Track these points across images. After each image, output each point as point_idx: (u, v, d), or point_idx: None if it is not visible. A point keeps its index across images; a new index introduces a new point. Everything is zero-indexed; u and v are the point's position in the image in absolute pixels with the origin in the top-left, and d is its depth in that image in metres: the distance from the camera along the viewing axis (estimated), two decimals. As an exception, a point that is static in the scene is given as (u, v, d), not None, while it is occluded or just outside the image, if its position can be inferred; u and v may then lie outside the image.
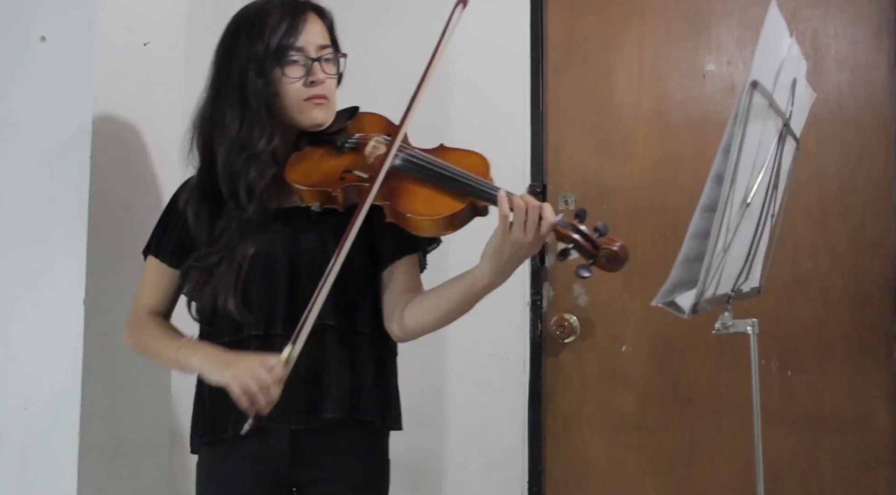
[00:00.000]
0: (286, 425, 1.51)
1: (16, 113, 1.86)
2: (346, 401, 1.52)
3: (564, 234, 1.36)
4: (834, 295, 2.23)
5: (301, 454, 1.54)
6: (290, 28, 1.51)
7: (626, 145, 2.36)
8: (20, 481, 1.81)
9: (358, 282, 1.55)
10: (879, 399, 2.20)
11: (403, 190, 1.46)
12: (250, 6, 1.57)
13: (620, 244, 1.35)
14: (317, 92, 1.52)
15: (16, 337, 1.84)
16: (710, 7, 2.34)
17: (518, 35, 2.38)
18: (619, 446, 2.32)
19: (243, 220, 1.51)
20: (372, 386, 1.55)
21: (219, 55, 1.56)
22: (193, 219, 1.55)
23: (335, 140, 1.57)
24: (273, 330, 1.51)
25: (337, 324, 1.52)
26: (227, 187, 1.52)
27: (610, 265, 1.35)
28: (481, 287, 1.45)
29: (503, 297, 2.33)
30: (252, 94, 1.50)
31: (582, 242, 1.35)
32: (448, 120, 2.39)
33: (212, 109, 1.56)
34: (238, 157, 1.51)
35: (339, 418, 1.51)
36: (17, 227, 1.85)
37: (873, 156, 2.23)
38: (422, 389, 2.36)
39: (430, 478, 2.35)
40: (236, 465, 1.55)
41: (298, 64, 1.52)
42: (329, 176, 1.51)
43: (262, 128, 1.51)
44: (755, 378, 1.45)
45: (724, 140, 1.29)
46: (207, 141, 1.57)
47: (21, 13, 1.86)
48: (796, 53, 1.47)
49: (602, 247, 1.35)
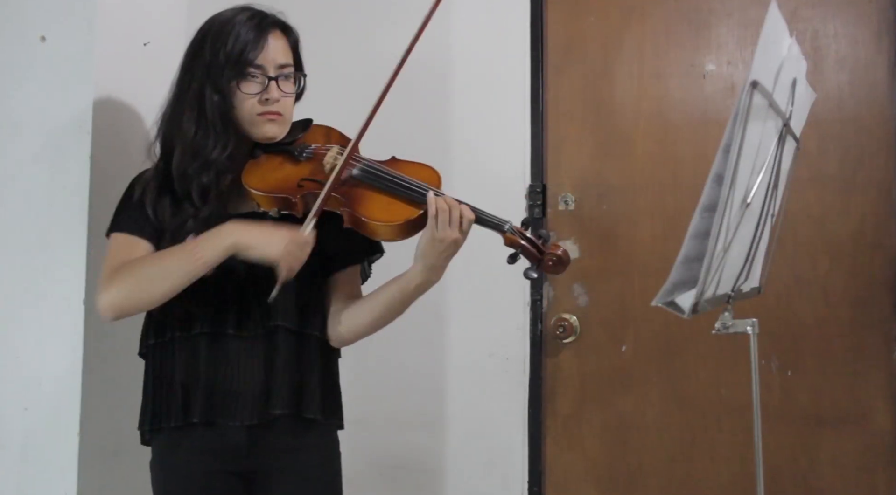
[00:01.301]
0: (240, 421, 1.56)
1: (16, 113, 1.86)
2: (293, 398, 1.58)
3: (513, 241, 1.52)
4: (834, 295, 2.23)
5: (256, 447, 1.59)
6: (252, 44, 1.55)
7: (625, 145, 2.36)
8: (20, 481, 1.81)
9: (311, 286, 1.61)
10: (879, 399, 2.20)
11: (362, 197, 1.55)
12: (221, 15, 1.60)
13: (563, 250, 1.54)
14: (270, 109, 1.57)
15: (16, 337, 1.83)
16: (710, 7, 2.34)
17: (518, 35, 2.38)
18: (619, 446, 2.32)
19: (200, 219, 1.55)
20: (316, 385, 1.61)
21: (184, 60, 1.61)
22: (152, 209, 1.57)
23: (292, 150, 1.63)
24: (223, 329, 1.55)
25: (288, 326, 1.58)
26: (181, 187, 1.56)
27: (554, 268, 1.53)
28: (415, 286, 1.54)
29: (503, 297, 2.36)
30: (208, 103, 1.55)
31: (528, 248, 1.52)
32: (448, 120, 2.39)
33: (172, 111, 1.60)
34: (191, 163, 1.55)
35: (286, 413, 1.57)
36: (17, 227, 1.85)
37: (873, 156, 2.23)
38: (422, 389, 2.36)
39: (430, 478, 2.35)
40: (191, 455, 1.59)
41: (256, 80, 1.56)
42: (287, 183, 1.57)
43: (217, 137, 1.55)
44: (755, 378, 1.46)
45: (724, 140, 1.29)
46: (167, 139, 1.61)
47: (21, 13, 1.86)
48: (796, 53, 1.47)
49: (546, 253, 1.52)
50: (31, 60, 1.85)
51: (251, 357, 1.56)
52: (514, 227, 1.53)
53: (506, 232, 1.52)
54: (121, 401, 1.87)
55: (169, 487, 1.63)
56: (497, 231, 1.53)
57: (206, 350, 1.55)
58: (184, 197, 1.56)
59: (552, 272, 1.54)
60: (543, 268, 1.53)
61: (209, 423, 1.56)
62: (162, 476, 1.64)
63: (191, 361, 1.56)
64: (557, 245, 1.54)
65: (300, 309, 1.60)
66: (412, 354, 2.36)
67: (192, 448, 1.59)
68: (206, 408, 1.55)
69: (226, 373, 1.56)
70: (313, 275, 1.60)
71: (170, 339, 1.58)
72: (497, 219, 1.53)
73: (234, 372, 1.56)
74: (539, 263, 1.53)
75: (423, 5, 1.55)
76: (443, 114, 2.38)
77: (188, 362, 1.56)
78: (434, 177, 1.57)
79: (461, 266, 1.52)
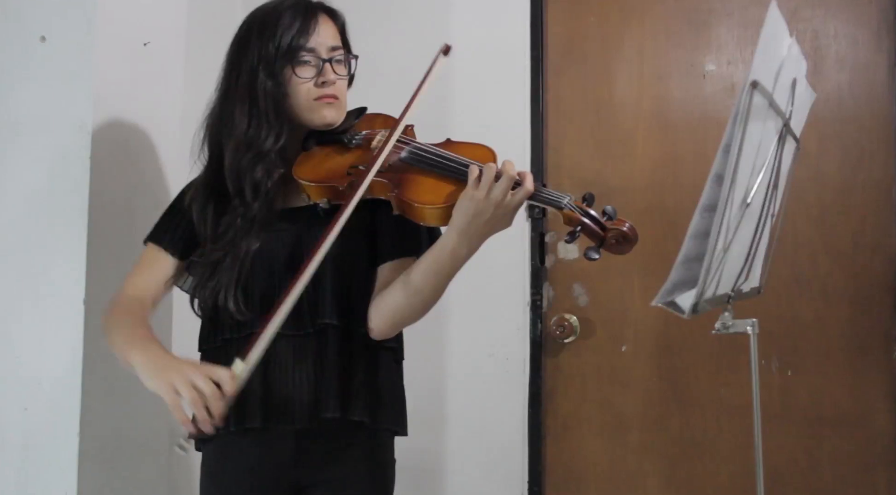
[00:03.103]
0: (290, 426, 1.51)
1: (16, 113, 1.86)
2: (342, 401, 1.51)
3: (572, 217, 1.38)
4: (834, 295, 2.23)
5: (303, 456, 1.54)
6: (301, 29, 1.52)
7: (626, 145, 2.36)
8: (20, 481, 1.81)
9: (359, 283, 1.55)
10: (879, 399, 2.20)
11: (409, 181, 1.47)
12: (262, 7, 1.58)
13: (629, 224, 1.38)
14: (327, 92, 1.54)
15: (16, 337, 1.84)
16: (710, 7, 2.34)
17: (518, 35, 2.39)
18: (619, 446, 2.32)
19: (248, 218, 1.52)
20: (360, 385, 1.53)
21: (230, 56, 1.58)
22: (198, 215, 1.56)
23: (343, 138, 1.58)
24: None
25: (338, 324, 1.52)
26: (234, 185, 1.53)
27: (619, 247, 1.38)
28: (449, 252, 1.42)
29: (503, 297, 2.36)
30: (261, 94, 1.51)
31: (590, 225, 1.38)
32: (448, 120, 2.39)
33: (221, 108, 1.57)
34: (245, 155, 1.52)
35: (336, 418, 1.50)
36: (17, 227, 1.85)
37: (873, 156, 2.23)
38: (422, 389, 2.35)
39: (430, 478, 2.35)
40: (238, 466, 1.56)
41: (310, 64, 1.53)
42: (335, 171, 1.52)
43: (270, 127, 1.52)
44: (755, 378, 1.45)
45: (724, 140, 1.29)
46: (216, 140, 1.58)
47: (21, 13, 1.86)
48: (796, 53, 1.47)
49: (610, 229, 1.38)
50: (31, 60, 1.85)
51: (301, 357, 1.51)
52: (574, 203, 1.39)
53: (564, 208, 1.38)
54: (121, 401, 1.87)
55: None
56: (554, 207, 1.40)
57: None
58: (236, 194, 1.53)
59: (616, 251, 1.39)
60: (607, 246, 1.38)
61: (263, 429, 1.50)
62: (210, 486, 1.60)
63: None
64: (623, 220, 1.38)
65: (349, 305, 1.53)
66: (412, 354, 2.36)
67: (241, 459, 1.54)
68: (260, 413, 1.50)
69: (277, 376, 1.50)
70: (362, 269, 1.55)
71: (222, 343, 1.54)
72: (555, 195, 1.39)
73: (286, 375, 1.51)
74: (602, 242, 1.38)
75: (422, 5, 1.55)
76: (443, 114, 2.38)
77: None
78: (489, 155, 1.45)
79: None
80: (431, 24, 2.42)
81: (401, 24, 2.42)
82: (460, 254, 1.42)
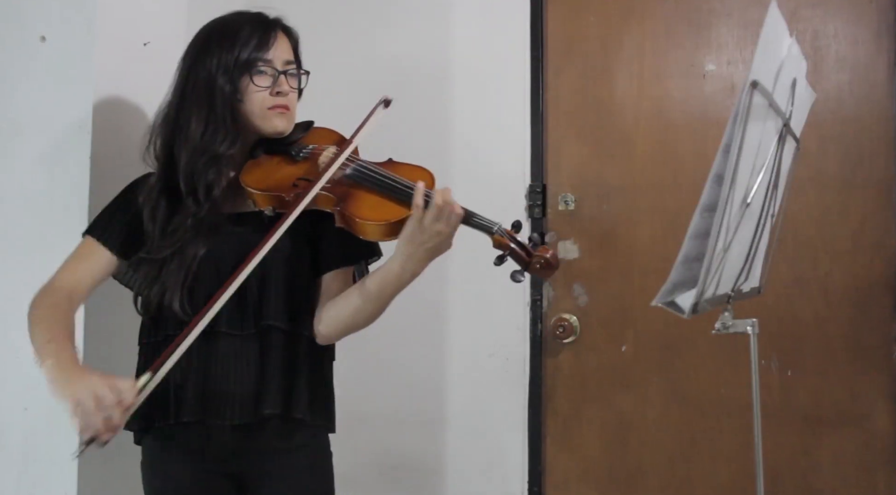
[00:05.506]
0: (227, 420, 1.56)
1: (16, 113, 1.86)
2: (282, 398, 1.57)
3: (501, 242, 1.49)
4: (834, 295, 2.23)
5: (243, 449, 1.59)
6: (261, 42, 1.61)
7: (625, 145, 2.35)
8: (20, 481, 1.81)
9: (302, 287, 1.63)
10: (879, 399, 2.20)
11: (353, 196, 1.56)
12: (222, 19, 1.65)
13: (553, 253, 1.49)
14: (280, 101, 1.62)
15: (16, 337, 1.83)
16: (710, 7, 2.34)
17: (518, 35, 2.38)
18: (619, 446, 2.32)
19: (197, 220, 1.57)
20: (304, 386, 1.60)
21: (186, 62, 1.63)
22: (150, 212, 1.61)
23: (290, 150, 1.66)
24: (216, 327, 1.54)
25: (280, 325, 1.59)
26: (187, 186, 1.59)
27: (543, 271, 1.50)
28: (394, 275, 1.52)
29: (503, 297, 2.35)
30: (219, 99, 1.58)
31: (517, 250, 1.49)
32: (448, 120, 2.39)
33: (177, 113, 1.62)
34: (200, 158, 1.58)
35: (274, 414, 1.56)
36: (17, 227, 1.85)
37: (873, 156, 2.23)
38: (422, 389, 2.36)
39: (430, 478, 2.35)
40: (179, 455, 1.61)
41: (266, 74, 1.61)
42: (283, 182, 1.59)
43: (226, 132, 1.59)
44: (755, 378, 1.46)
45: (724, 140, 1.29)
46: (168, 142, 1.63)
47: (21, 13, 1.86)
48: (796, 53, 1.47)
49: (535, 255, 1.49)
50: (31, 60, 1.85)
51: (243, 356, 1.57)
52: (503, 229, 1.50)
53: (494, 233, 1.50)
54: (121, 401, 1.87)
55: (159, 488, 1.64)
56: (485, 232, 1.51)
57: (198, 348, 1.52)
58: (188, 193, 1.58)
59: (540, 275, 1.53)
60: (532, 270, 1.50)
61: (200, 422, 1.56)
62: (151, 476, 1.65)
63: (183, 360, 1.53)
64: (547, 248, 1.50)
65: (292, 309, 1.60)
66: (412, 354, 2.36)
67: (181, 449, 1.60)
68: (198, 408, 1.55)
69: (217, 373, 1.56)
70: (305, 275, 1.62)
71: (163, 338, 1.58)
72: (487, 221, 1.50)
73: (226, 372, 1.57)
74: (527, 266, 1.49)
75: (422, 5, 1.56)
76: (443, 114, 2.38)
77: (180, 361, 1.54)
78: (427, 178, 1.56)
79: (461, 266, 1.52)
80: (431, 24, 2.42)
81: (401, 25, 2.42)
82: (406, 277, 1.53)
